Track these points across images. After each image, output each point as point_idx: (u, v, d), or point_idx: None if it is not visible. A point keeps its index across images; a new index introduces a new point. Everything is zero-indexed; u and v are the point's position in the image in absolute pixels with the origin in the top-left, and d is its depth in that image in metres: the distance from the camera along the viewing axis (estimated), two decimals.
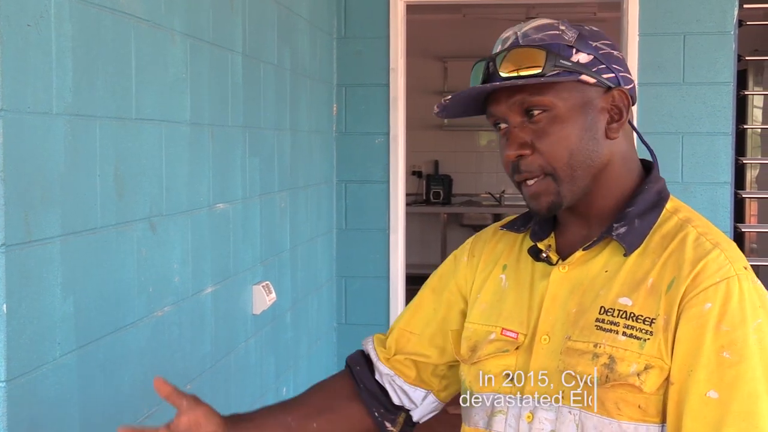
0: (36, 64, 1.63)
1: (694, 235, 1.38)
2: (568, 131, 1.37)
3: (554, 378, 1.38)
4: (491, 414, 1.44)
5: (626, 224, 1.39)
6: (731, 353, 1.28)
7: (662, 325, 1.32)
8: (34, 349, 1.63)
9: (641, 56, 4.29)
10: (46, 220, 1.66)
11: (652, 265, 1.37)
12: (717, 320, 1.29)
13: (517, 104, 1.38)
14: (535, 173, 1.38)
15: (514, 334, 1.45)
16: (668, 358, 1.31)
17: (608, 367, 1.33)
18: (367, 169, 4.53)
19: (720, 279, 1.31)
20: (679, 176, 4.30)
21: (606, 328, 1.35)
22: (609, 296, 1.37)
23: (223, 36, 2.69)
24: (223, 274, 2.72)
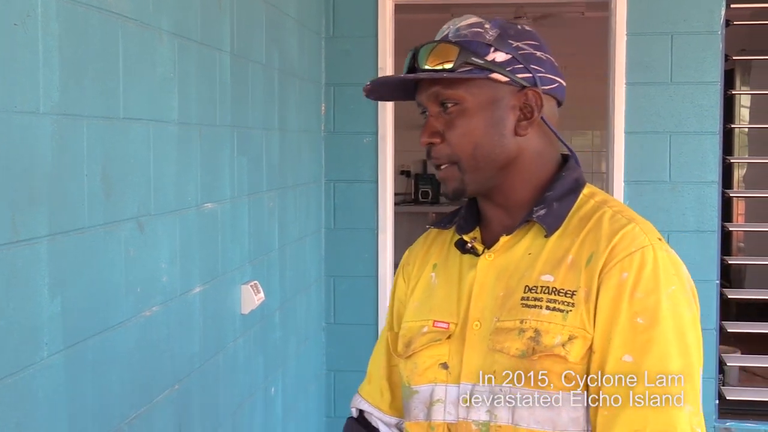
0: (23, 63, 1.62)
1: (609, 213, 1.47)
2: (474, 125, 1.46)
3: (486, 360, 1.44)
4: (430, 404, 1.50)
5: (545, 207, 1.48)
6: (644, 318, 1.36)
7: (583, 297, 1.40)
8: (22, 350, 1.62)
9: (629, 56, 4.30)
10: (34, 220, 1.66)
11: (571, 244, 1.45)
12: (632, 288, 1.38)
13: (433, 95, 1.48)
14: (443, 161, 1.49)
15: (445, 325, 1.52)
16: (590, 327, 1.39)
17: (534, 340, 1.40)
18: (355, 169, 4.52)
19: (635, 249, 1.40)
20: (667, 175, 4.31)
21: (531, 304, 1.43)
22: (532, 275, 1.45)
23: (211, 35, 2.68)
24: (212, 274, 2.71)
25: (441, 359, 1.49)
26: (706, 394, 4.32)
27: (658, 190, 4.32)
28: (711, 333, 4.31)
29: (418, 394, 1.51)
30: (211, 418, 2.74)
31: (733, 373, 5.16)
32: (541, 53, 1.51)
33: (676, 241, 4.30)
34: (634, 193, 4.33)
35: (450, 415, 1.47)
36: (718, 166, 4.30)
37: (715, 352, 4.34)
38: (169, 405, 2.36)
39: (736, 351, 5.14)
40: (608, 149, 4.42)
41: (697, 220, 4.30)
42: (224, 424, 2.86)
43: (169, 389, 2.36)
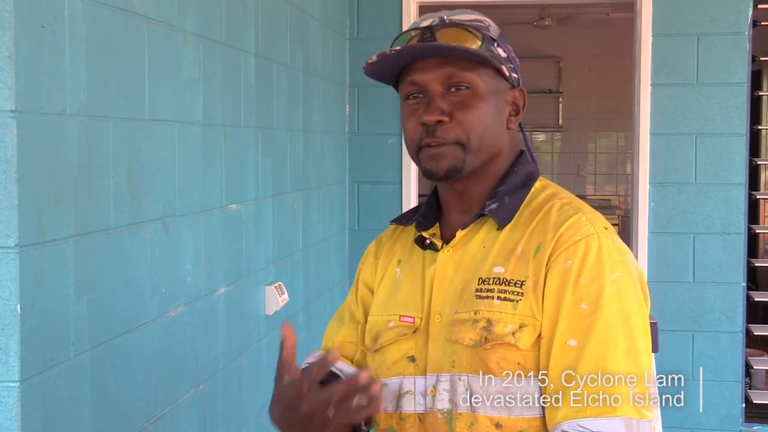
0: (50, 65, 1.63)
1: (558, 205, 1.51)
2: (485, 109, 1.50)
3: (446, 351, 1.49)
4: (400, 396, 1.54)
5: (497, 201, 1.52)
6: (588, 304, 1.40)
7: (531, 286, 1.44)
8: (48, 350, 1.63)
9: (654, 57, 4.28)
10: (60, 221, 1.67)
11: (521, 236, 1.50)
12: (576, 275, 1.41)
13: (445, 76, 1.49)
14: (449, 140, 1.49)
15: (410, 319, 1.56)
16: (539, 315, 1.43)
17: (486, 330, 1.45)
18: (379, 170, 4.53)
19: (580, 237, 1.44)
20: (693, 177, 4.28)
21: (483, 295, 1.47)
22: (485, 267, 1.49)
23: (235, 37, 2.69)
24: (236, 275, 2.72)
25: (408, 353, 1.54)
26: (733, 398, 4.30)
27: (683, 191, 4.29)
28: (737, 336, 4.29)
29: (387, 387, 1.56)
30: (235, 419, 2.75)
31: (760, 377, 5.10)
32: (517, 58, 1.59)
33: (702, 243, 4.27)
34: (660, 194, 4.31)
35: (419, 406, 1.52)
36: (745, 167, 4.27)
37: (742, 355, 4.31)
38: (193, 405, 2.37)
39: (762, 354, 5.10)
40: (633, 151, 4.40)
41: (723, 222, 4.27)
42: (248, 425, 2.87)
43: (194, 389, 2.37)
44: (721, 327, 4.27)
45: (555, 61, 9.01)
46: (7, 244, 1.52)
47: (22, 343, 1.53)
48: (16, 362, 1.52)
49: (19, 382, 1.53)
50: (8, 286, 1.52)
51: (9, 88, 1.50)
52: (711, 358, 4.29)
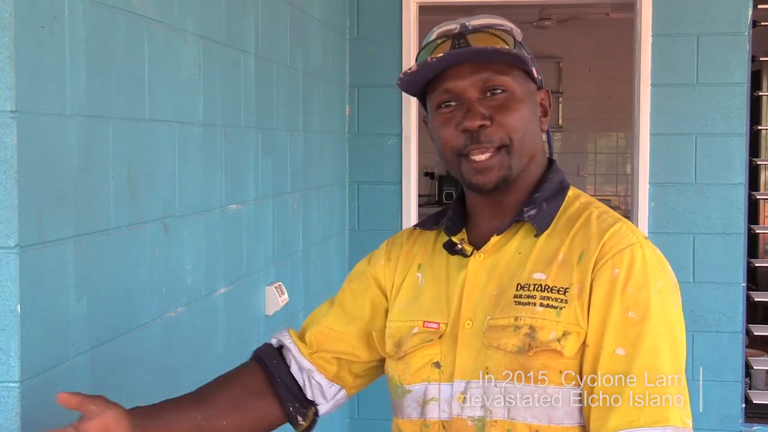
0: (50, 65, 1.63)
1: (596, 214, 1.52)
2: (524, 111, 1.50)
3: (480, 357, 1.47)
4: (424, 403, 1.53)
5: (535, 207, 1.52)
6: (635, 313, 1.41)
7: (576, 293, 1.44)
8: (48, 350, 1.63)
9: (654, 57, 4.28)
10: (60, 221, 1.67)
11: (561, 243, 1.49)
12: (623, 284, 1.42)
13: (481, 81, 1.48)
14: (495, 144, 1.48)
15: (435, 325, 1.54)
16: (584, 323, 1.43)
17: (530, 336, 1.44)
18: (379, 170, 4.53)
19: (624, 246, 1.45)
20: (693, 177, 4.28)
21: (524, 302, 1.46)
22: (524, 274, 1.49)
23: (235, 37, 2.69)
24: (236, 275, 2.72)
25: (433, 359, 1.53)
26: (733, 398, 4.30)
27: (683, 192, 4.30)
28: (737, 336, 4.29)
29: (411, 393, 1.55)
30: None
31: (760, 377, 5.11)
32: None
33: (702, 243, 4.27)
34: (660, 194, 4.31)
35: (444, 413, 1.50)
36: (745, 168, 4.27)
37: (742, 355, 4.31)
38: None
39: (762, 354, 5.10)
40: (633, 151, 4.40)
41: (723, 223, 4.27)
42: None
43: None
44: (721, 327, 4.27)
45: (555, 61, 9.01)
46: (7, 244, 1.52)
47: (22, 344, 1.53)
48: (16, 362, 1.52)
49: (19, 382, 1.53)
50: (8, 287, 1.52)
51: (9, 88, 1.50)
52: (711, 359, 4.29)
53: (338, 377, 1.69)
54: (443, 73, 1.50)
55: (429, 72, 1.51)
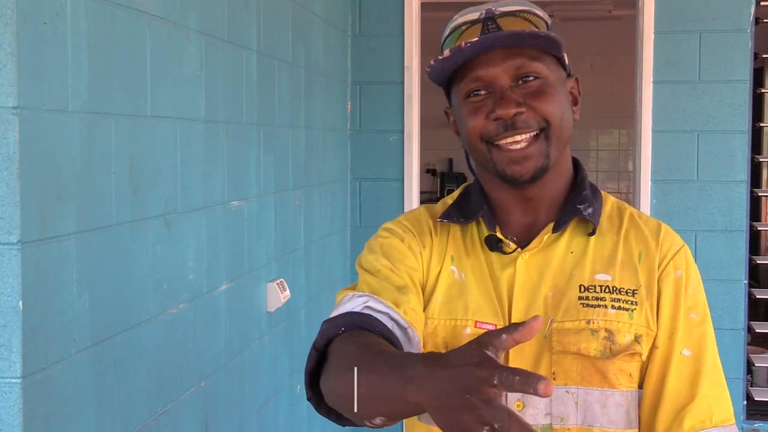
0: (52, 62, 1.63)
1: (636, 213, 1.52)
2: (559, 97, 1.43)
3: (542, 362, 1.40)
4: None
5: (590, 206, 1.48)
6: (696, 314, 1.45)
7: (645, 295, 1.43)
8: (50, 346, 1.63)
9: (657, 54, 4.28)
10: (62, 217, 1.67)
11: (614, 243, 1.47)
12: (685, 285, 1.45)
13: (514, 67, 1.40)
14: (533, 128, 1.40)
15: (491, 326, 1.42)
16: (654, 324, 1.43)
17: (609, 340, 1.40)
18: (381, 167, 4.53)
19: (679, 247, 1.47)
20: (695, 174, 4.28)
21: (592, 304, 1.42)
22: (584, 275, 1.44)
23: (237, 34, 2.69)
24: (238, 272, 2.72)
25: None
26: (734, 395, 4.29)
27: (685, 189, 4.29)
28: (739, 333, 4.28)
29: None
30: (237, 416, 2.75)
31: (762, 374, 5.11)
32: None
33: (704, 240, 4.27)
34: (662, 192, 4.31)
35: None
36: (747, 165, 4.27)
37: (743, 352, 4.31)
38: (194, 402, 2.37)
39: (764, 351, 5.10)
40: (635, 148, 4.40)
41: (725, 220, 4.27)
42: (249, 422, 2.87)
43: (195, 386, 2.37)
44: (723, 324, 4.27)
45: None
46: (9, 240, 1.52)
47: (24, 340, 1.53)
48: (18, 359, 1.53)
49: (21, 378, 1.53)
50: (10, 283, 1.52)
51: (11, 84, 1.50)
52: None
53: None
54: (472, 61, 1.40)
55: (460, 58, 1.40)
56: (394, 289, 1.44)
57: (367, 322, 1.35)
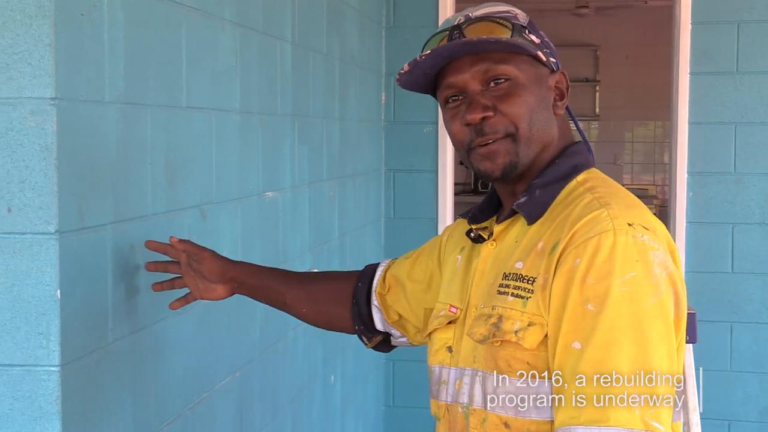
0: (89, 53, 1.65)
1: (588, 200, 1.43)
2: (528, 98, 1.46)
3: (471, 345, 1.48)
4: (439, 384, 1.55)
5: (527, 195, 1.48)
6: (594, 305, 1.32)
7: (541, 284, 1.39)
8: (87, 335, 1.65)
9: (693, 45, 4.23)
10: (99, 207, 1.68)
11: (545, 231, 1.44)
12: (584, 274, 1.34)
13: (480, 72, 1.45)
14: (499, 134, 1.46)
15: (455, 310, 1.56)
16: (547, 314, 1.38)
17: (495, 326, 1.42)
18: (415, 158, 4.52)
19: (593, 234, 1.35)
20: (732, 167, 4.24)
21: (502, 291, 1.44)
22: (510, 263, 1.46)
23: (272, 25, 2.70)
24: (272, 262, 2.73)
25: (447, 343, 1.55)
26: None
27: (722, 181, 4.25)
28: None
29: (433, 374, 1.58)
30: (271, 405, 2.76)
31: None
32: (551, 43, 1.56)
33: (741, 233, 4.23)
34: (698, 184, 4.27)
35: (450, 396, 1.52)
36: None
37: None
38: (229, 392, 2.39)
39: None
40: (671, 140, 4.36)
41: (763, 213, 4.23)
42: (283, 411, 2.89)
43: (230, 376, 2.39)
44: (761, 318, 4.23)
45: (592, 49, 8.95)
46: (47, 230, 1.53)
47: (62, 328, 1.55)
48: (57, 347, 1.54)
49: (59, 366, 1.54)
50: (48, 272, 1.54)
51: (49, 75, 1.52)
52: (750, 350, 4.25)
53: (401, 326, 1.80)
54: (445, 68, 1.48)
55: (424, 69, 1.49)
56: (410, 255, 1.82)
57: None
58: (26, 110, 1.51)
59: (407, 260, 1.81)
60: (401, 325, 1.80)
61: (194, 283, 1.83)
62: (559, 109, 1.52)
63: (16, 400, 1.54)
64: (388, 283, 1.81)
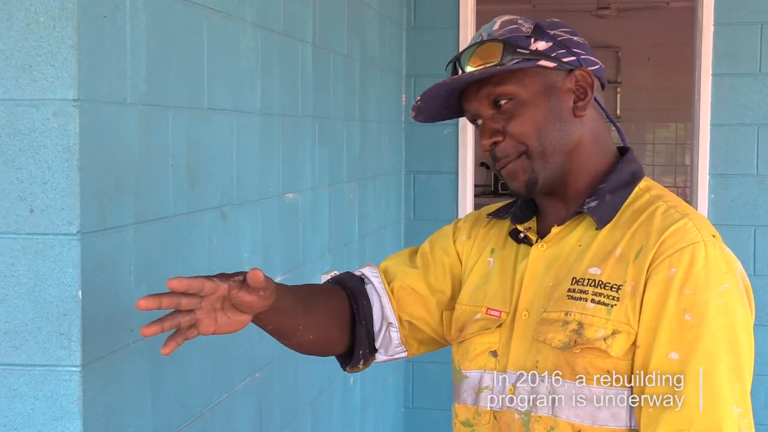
0: (111, 54, 1.65)
1: (663, 208, 1.44)
2: (533, 113, 1.46)
3: (531, 350, 1.45)
4: (478, 390, 1.52)
5: (597, 199, 1.46)
6: (692, 316, 1.33)
7: (629, 291, 1.38)
8: (109, 336, 1.65)
9: (716, 46, 4.21)
10: (120, 208, 1.69)
11: (621, 237, 1.43)
12: (681, 284, 1.35)
13: (484, 97, 1.49)
14: (511, 156, 1.48)
15: (497, 313, 1.53)
16: (635, 323, 1.37)
17: (576, 333, 1.40)
18: (435, 160, 4.52)
19: (686, 245, 1.36)
20: (755, 169, 4.21)
21: (576, 296, 1.42)
22: (580, 267, 1.44)
23: (293, 26, 2.70)
24: (292, 264, 2.73)
25: (491, 347, 1.52)
26: None
27: (744, 183, 4.22)
28: None
29: (468, 379, 1.54)
30: (291, 407, 2.76)
31: None
32: (578, 38, 1.53)
33: (763, 235, 4.20)
34: (720, 186, 4.24)
35: (495, 403, 1.49)
36: None
37: None
38: (249, 393, 2.39)
39: None
40: (693, 141, 4.34)
41: None
42: (303, 413, 2.89)
43: (250, 377, 2.39)
44: None
45: (613, 50, 8.92)
46: (69, 231, 1.54)
47: (83, 329, 1.55)
48: (78, 347, 1.55)
49: (80, 366, 1.55)
50: (70, 273, 1.54)
51: (72, 77, 1.52)
52: None
53: (406, 341, 1.69)
54: (461, 95, 1.54)
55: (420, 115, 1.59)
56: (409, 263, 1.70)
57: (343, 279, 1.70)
58: (49, 112, 1.52)
59: (415, 270, 1.69)
60: (407, 341, 1.69)
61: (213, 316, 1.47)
62: (579, 111, 1.49)
63: (37, 400, 1.55)
64: (397, 295, 1.68)
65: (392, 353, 1.69)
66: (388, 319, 1.67)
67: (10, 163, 1.53)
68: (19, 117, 1.53)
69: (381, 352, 1.68)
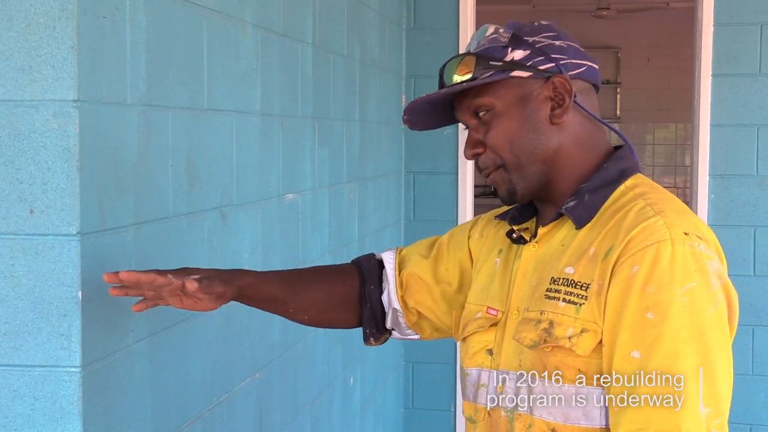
0: (111, 55, 1.65)
1: (639, 206, 1.42)
2: (506, 125, 1.48)
3: (516, 349, 1.48)
4: (477, 387, 1.55)
5: (576, 199, 1.47)
6: (655, 314, 1.32)
7: (596, 290, 1.38)
8: (108, 336, 1.65)
9: (716, 47, 4.21)
10: (120, 209, 1.69)
11: (596, 236, 1.43)
12: (643, 282, 1.33)
13: (466, 108, 1.53)
14: (490, 168, 1.52)
15: (495, 312, 1.56)
16: (601, 321, 1.37)
17: (546, 332, 1.42)
18: (435, 161, 4.52)
19: (651, 243, 1.35)
20: (754, 169, 4.21)
21: (551, 296, 1.44)
22: (558, 267, 1.45)
23: (293, 27, 2.70)
24: (292, 264, 2.73)
25: (488, 345, 1.55)
26: None
27: (744, 184, 4.22)
28: None
29: (469, 376, 1.58)
30: (291, 407, 2.77)
31: None
32: (561, 42, 1.51)
33: (763, 236, 4.20)
34: (720, 187, 4.24)
35: (490, 401, 1.52)
36: None
37: None
38: (249, 393, 2.39)
39: None
40: (693, 142, 4.34)
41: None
42: (303, 414, 2.89)
43: (250, 377, 2.39)
44: None
45: (613, 51, 8.92)
46: (68, 231, 1.54)
47: (83, 330, 1.55)
48: (78, 348, 1.55)
49: (80, 367, 1.55)
50: (70, 273, 1.54)
51: (72, 78, 1.53)
52: None
53: (418, 326, 1.79)
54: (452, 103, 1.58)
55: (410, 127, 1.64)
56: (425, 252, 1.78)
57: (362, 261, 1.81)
58: (49, 112, 1.52)
59: (425, 260, 1.76)
60: (418, 325, 1.79)
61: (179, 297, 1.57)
62: (556, 118, 1.48)
63: (37, 401, 1.55)
64: (406, 282, 1.76)
65: (404, 334, 1.80)
66: (393, 305, 1.77)
67: (10, 164, 1.53)
68: (19, 118, 1.53)
69: (394, 331, 1.80)
